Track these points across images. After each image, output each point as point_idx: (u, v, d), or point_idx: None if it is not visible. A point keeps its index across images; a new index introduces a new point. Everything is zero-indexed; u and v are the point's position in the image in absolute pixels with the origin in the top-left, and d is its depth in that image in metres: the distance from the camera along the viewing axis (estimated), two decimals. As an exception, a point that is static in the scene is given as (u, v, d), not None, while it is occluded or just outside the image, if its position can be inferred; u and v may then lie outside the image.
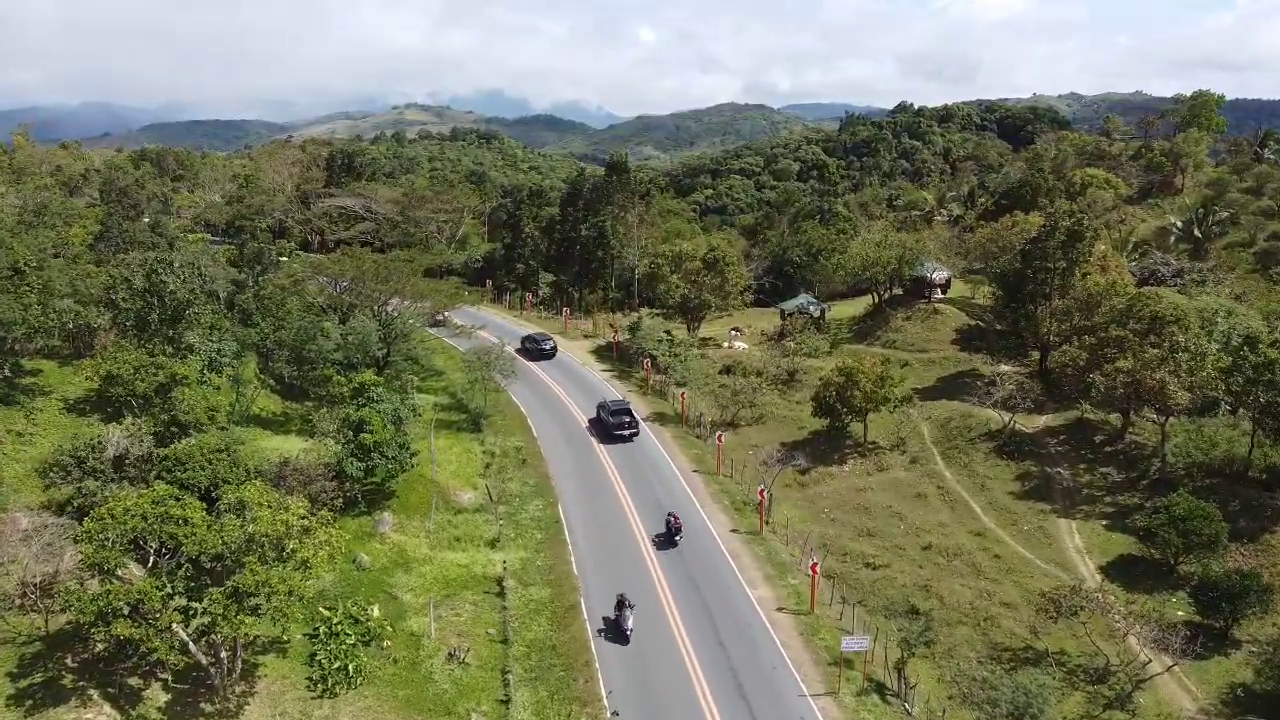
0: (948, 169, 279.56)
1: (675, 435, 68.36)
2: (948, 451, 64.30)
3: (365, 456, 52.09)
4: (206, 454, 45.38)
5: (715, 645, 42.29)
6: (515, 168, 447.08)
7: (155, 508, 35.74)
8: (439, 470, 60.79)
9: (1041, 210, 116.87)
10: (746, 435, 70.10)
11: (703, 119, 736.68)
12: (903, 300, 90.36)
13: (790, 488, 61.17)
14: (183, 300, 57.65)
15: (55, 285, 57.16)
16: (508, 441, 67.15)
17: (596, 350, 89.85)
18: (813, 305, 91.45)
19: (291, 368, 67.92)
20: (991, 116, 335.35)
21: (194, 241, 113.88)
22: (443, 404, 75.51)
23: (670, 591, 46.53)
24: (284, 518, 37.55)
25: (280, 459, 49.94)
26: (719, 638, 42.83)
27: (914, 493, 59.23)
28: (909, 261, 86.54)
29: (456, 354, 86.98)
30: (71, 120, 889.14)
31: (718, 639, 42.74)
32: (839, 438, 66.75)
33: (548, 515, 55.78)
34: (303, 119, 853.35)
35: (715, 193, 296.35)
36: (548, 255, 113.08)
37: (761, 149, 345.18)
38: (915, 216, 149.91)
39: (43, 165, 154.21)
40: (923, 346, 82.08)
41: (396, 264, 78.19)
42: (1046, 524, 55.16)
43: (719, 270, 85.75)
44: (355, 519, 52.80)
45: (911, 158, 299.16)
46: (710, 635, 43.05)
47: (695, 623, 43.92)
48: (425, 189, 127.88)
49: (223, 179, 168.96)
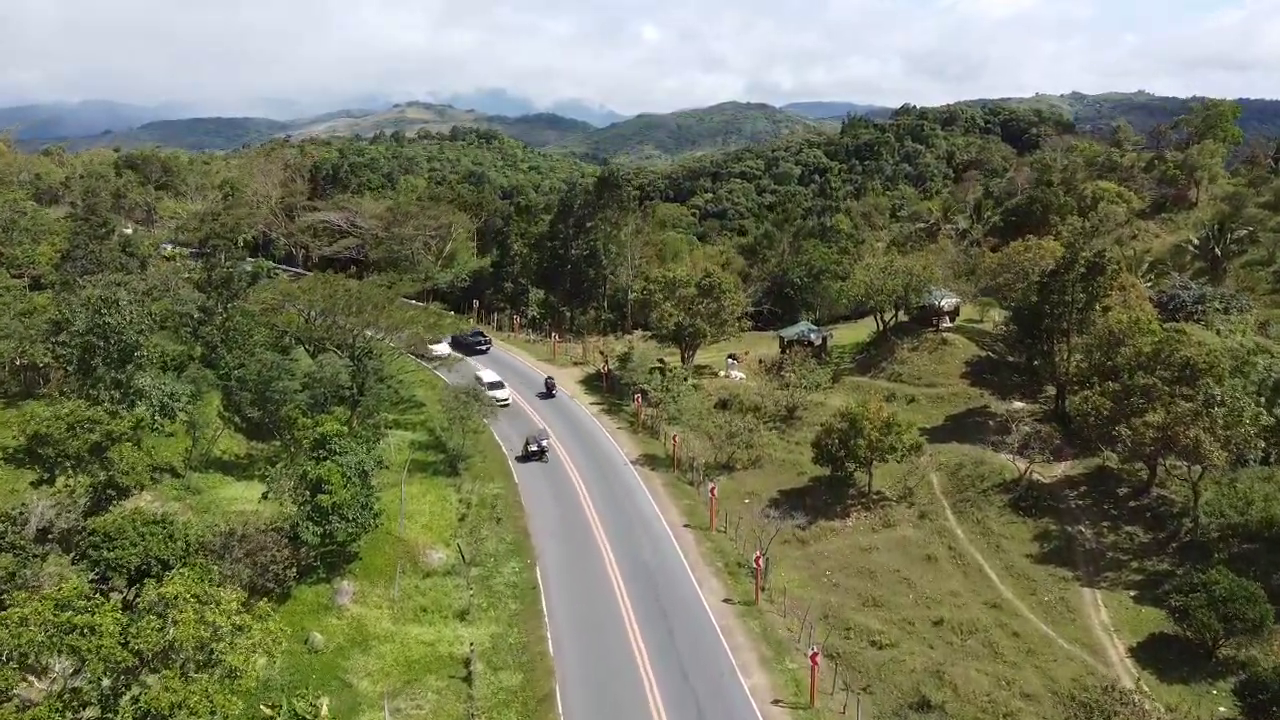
0: (951, 173, 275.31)
1: (666, 482, 63.71)
2: (959, 505, 59.60)
3: (323, 520, 47.49)
4: (139, 528, 40.78)
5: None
6: (515, 168, 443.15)
7: (58, 614, 31.12)
8: (409, 525, 56.26)
9: (1053, 228, 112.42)
10: (742, 480, 65.47)
11: (704, 118, 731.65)
12: (909, 328, 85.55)
13: (789, 544, 56.50)
14: (131, 341, 52.99)
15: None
16: (486, 488, 62.60)
17: (586, 380, 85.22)
18: (813, 333, 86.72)
19: (255, 408, 63.37)
20: (995, 119, 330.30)
21: (170, 256, 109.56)
22: (420, 441, 70.96)
23: (655, 680, 41.84)
24: (213, 617, 32.92)
25: (225, 529, 45.16)
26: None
27: (923, 554, 54.52)
28: (916, 289, 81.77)
29: (440, 383, 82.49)
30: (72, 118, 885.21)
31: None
32: (842, 487, 62.06)
33: (524, 580, 51.15)
34: (304, 117, 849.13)
35: (715, 196, 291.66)
36: (538, 272, 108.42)
37: (762, 152, 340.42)
38: (919, 230, 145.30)
39: (21, 173, 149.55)
40: (930, 380, 77.32)
41: (372, 291, 73.45)
42: (1069, 594, 50.45)
43: (715, 297, 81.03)
44: (312, 587, 48.28)
45: (914, 161, 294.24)
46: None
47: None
48: (411, 204, 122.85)
49: (210, 185, 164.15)
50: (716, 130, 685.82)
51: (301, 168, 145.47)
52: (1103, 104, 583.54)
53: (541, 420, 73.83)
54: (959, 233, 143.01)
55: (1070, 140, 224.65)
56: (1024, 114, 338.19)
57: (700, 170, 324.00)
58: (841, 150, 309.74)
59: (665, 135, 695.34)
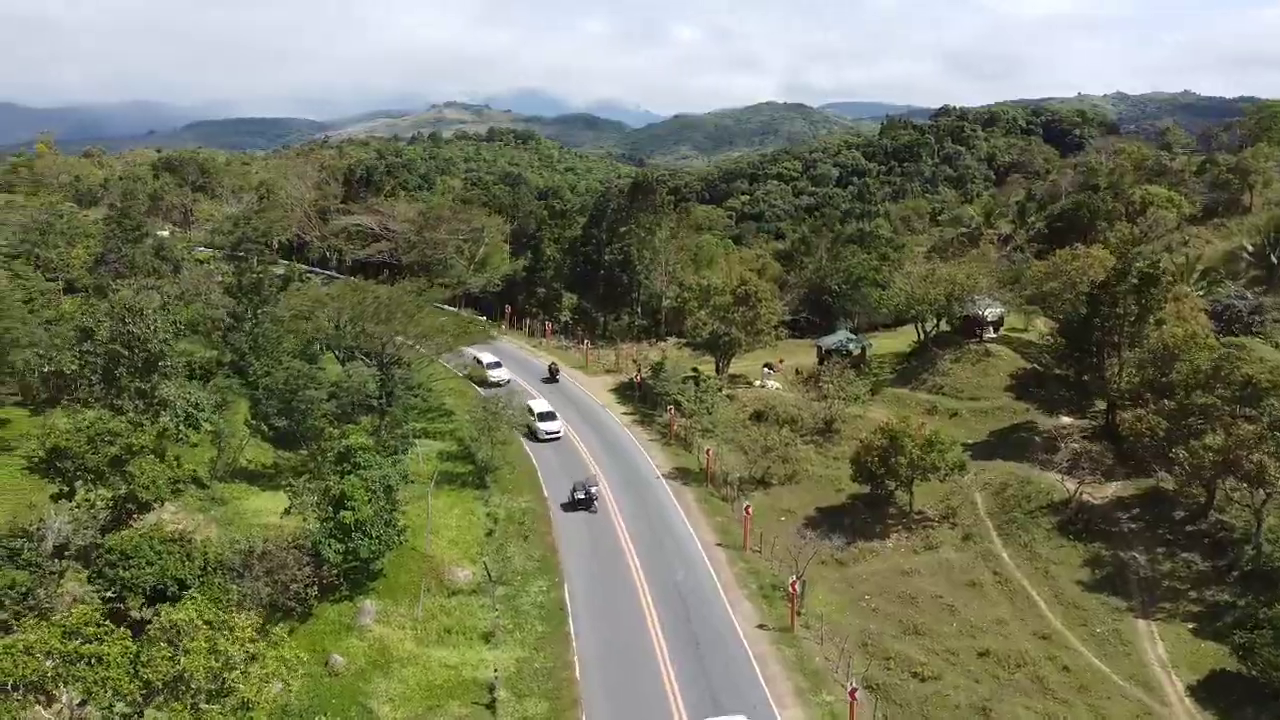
0: (992, 176, 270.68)
1: (699, 497, 61.85)
2: (1005, 526, 57.21)
3: (346, 537, 46.24)
4: (156, 546, 39.69)
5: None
6: (551, 168, 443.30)
7: (66, 643, 30.01)
8: (435, 540, 54.87)
9: (1100, 234, 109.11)
10: (778, 496, 63.50)
11: (741, 119, 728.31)
12: (951, 339, 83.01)
13: (826, 565, 54.49)
14: (155, 351, 52.11)
15: (16, 335, 52.06)
16: (515, 502, 61.11)
17: (618, 389, 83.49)
18: (852, 342, 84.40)
19: (281, 418, 62.41)
20: (1037, 120, 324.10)
21: (204, 259, 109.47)
22: (449, 452, 69.65)
23: (686, 712, 40.04)
24: (225, 645, 31.68)
25: (245, 547, 43.97)
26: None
27: (967, 579, 52.27)
28: (958, 299, 79.24)
29: (470, 392, 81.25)
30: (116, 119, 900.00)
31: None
32: (881, 506, 59.89)
33: (551, 600, 49.57)
34: (343, 117, 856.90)
35: (752, 199, 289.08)
36: (571, 277, 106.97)
37: (800, 153, 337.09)
38: (961, 234, 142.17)
39: (61, 175, 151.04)
40: (974, 393, 74.81)
41: (402, 298, 72.22)
42: (1122, 625, 48.01)
43: (751, 305, 79.04)
44: (334, 605, 47.09)
45: (954, 163, 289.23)
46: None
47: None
48: (444, 207, 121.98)
49: (246, 187, 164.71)
50: (753, 131, 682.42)
51: (336, 170, 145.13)
52: (1147, 104, 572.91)
53: (572, 432, 72.12)
54: (1002, 238, 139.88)
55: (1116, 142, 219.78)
56: (1067, 115, 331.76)
57: (737, 172, 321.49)
58: (880, 151, 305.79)
59: (702, 136, 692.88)
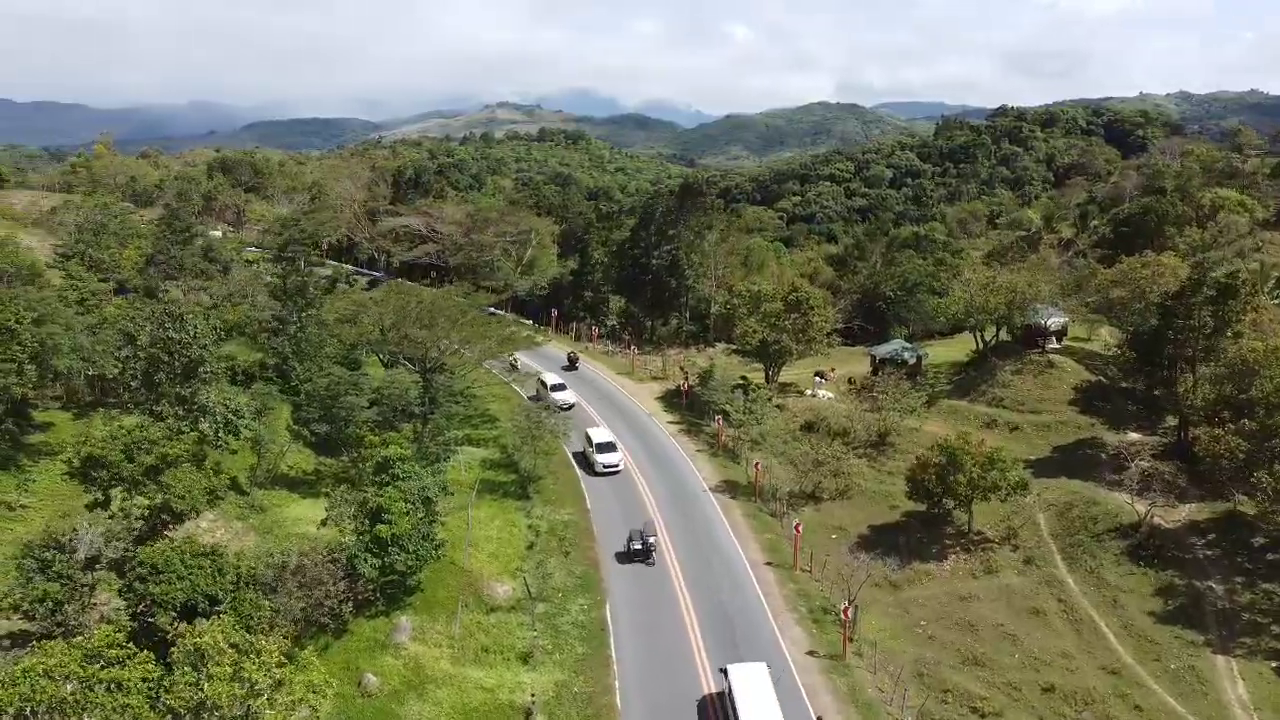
0: (1051, 177, 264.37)
1: (747, 513, 59.73)
2: (1070, 550, 54.30)
3: (382, 552, 44.99)
4: (187, 560, 38.66)
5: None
6: (602, 169, 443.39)
7: (87, 668, 28.93)
8: (474, 553, 53.46)
9: (1169, 240, 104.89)
10: (829, 512, 61.19)
11: (793, 119, 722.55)
12: (1011, 348, 79.83)
13: (880, 588, 52.08)
14: (195, 356, 51.39)
15: (58, 341, 51.69)
16: (557, 514, 59.55)
17: (665, 396, 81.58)
18: (907, 351, 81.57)
19: (322, 424, 61.64)
20: (1098, 120, 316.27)
21: (253, 260, 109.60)
22: (491, 460, 68.28)
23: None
24: (250, 670, 30.39)
25: (279, 561, 42.83)
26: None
27: (1030, 607, 49.57)
28: (1020, 307, 76.10)
29: (515, 398, 79.99)
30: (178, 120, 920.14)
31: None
32: (938, 525, 57.30)
33: (593, 620, 47.85)
34: (397, 118, 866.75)
35: (803, 200, 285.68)
36: (618, 280, 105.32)
37: (853, 154, 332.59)
38: (1019, 238, 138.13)
39: (118, 175, 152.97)
40: (1035, 407, 71.69)
41: (446, 303, 71.05)
42: (1199, 662, 45.00)
43: (802, 312, 76.69)
44: (370, 621, 45.88)
45: (1012, 164, 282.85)
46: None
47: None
48: (491, 209, 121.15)
49: (299, 187, 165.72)
50: (805, 131, 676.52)
51: (385, 171, 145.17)
52: (1211, 104, 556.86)
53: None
54: (1063, 243, 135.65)
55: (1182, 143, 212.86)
56: (1129, 114, 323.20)
57: (788, 173, 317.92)
58: (934, 152, 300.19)
59: (753, 136, 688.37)
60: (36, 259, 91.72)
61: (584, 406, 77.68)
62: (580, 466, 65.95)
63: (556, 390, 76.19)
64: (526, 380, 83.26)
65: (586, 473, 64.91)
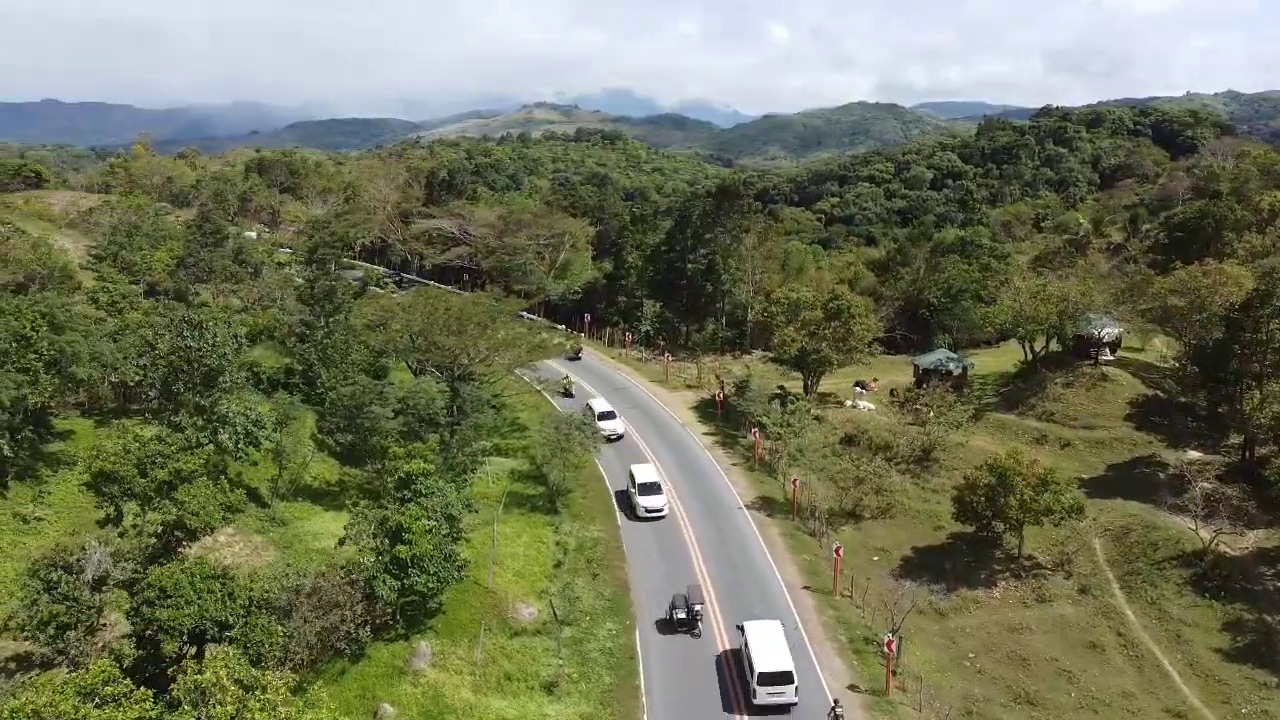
0: (1096, 179, 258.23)
1: (784, 532, 57.16)
2: (1128, 579, 51.17)
3: (401, 573, 43.06)
4: (197, 583, 36.92)
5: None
6: (638, 169, 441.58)
7: (80, 707, 27.17)
8: (499, 572, 51.43)
9: (1228, 245, 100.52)
10: (870, 532, 58.51)
11: (831, 119, 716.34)
12: (1062, 359, 76.42)
13: (925, 616, 49.36)
14: (214, 367, 49.82)
15: (77, 350, 50.39)
16: (586, 530, 57.39)
17: (699, 406, 79.13)
18: (953, 362, 78.43)
19: (345, 434, 60.02)
20: (1145, 120, 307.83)
21: (285, 262, 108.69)
22: (520, 470, 66.33)
23: (766, 792, 35.73)
24: (254, 710, 28.50)
25: (294, 584, 40.96)
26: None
27: (1086, 640, 46.58)
28: (1072, 317, 72.71)
29: (546, 406, 77.96)
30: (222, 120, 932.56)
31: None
32: (987, 548, 54.37)
33: (621, 647, 45.60)
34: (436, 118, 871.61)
35: (842, 201, 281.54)
36: (653, 284, 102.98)
37: (892, 154, 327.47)
38: (1066, 242, 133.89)
39: (155, 176, 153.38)
40: (1088, 422, 68.37)
41: (475, 310, 69.16)
42: (1272, 705, 41.83)
43: (843, 321, 73.92)
44: (388, 645, 43.96)
45: (1056, 166, 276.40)
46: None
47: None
48: (526, 210, 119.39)
49: (334, 188, 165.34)
50: (844, 131, 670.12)
51: (419, 172, 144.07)
52: (1260, 103, 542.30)
53: (649, 452, 68.12)
54: (1112, 247, 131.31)
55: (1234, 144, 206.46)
56: (1177, 115, 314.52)
57: (826, 174, 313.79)
58: (976, 153, 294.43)
59: (791, 136, 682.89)
60: (69, 261, 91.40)
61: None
62: (622, 509, 60.19)
63: (605, 419, 70.64)
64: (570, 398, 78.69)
65: (628, 516, 59.10)
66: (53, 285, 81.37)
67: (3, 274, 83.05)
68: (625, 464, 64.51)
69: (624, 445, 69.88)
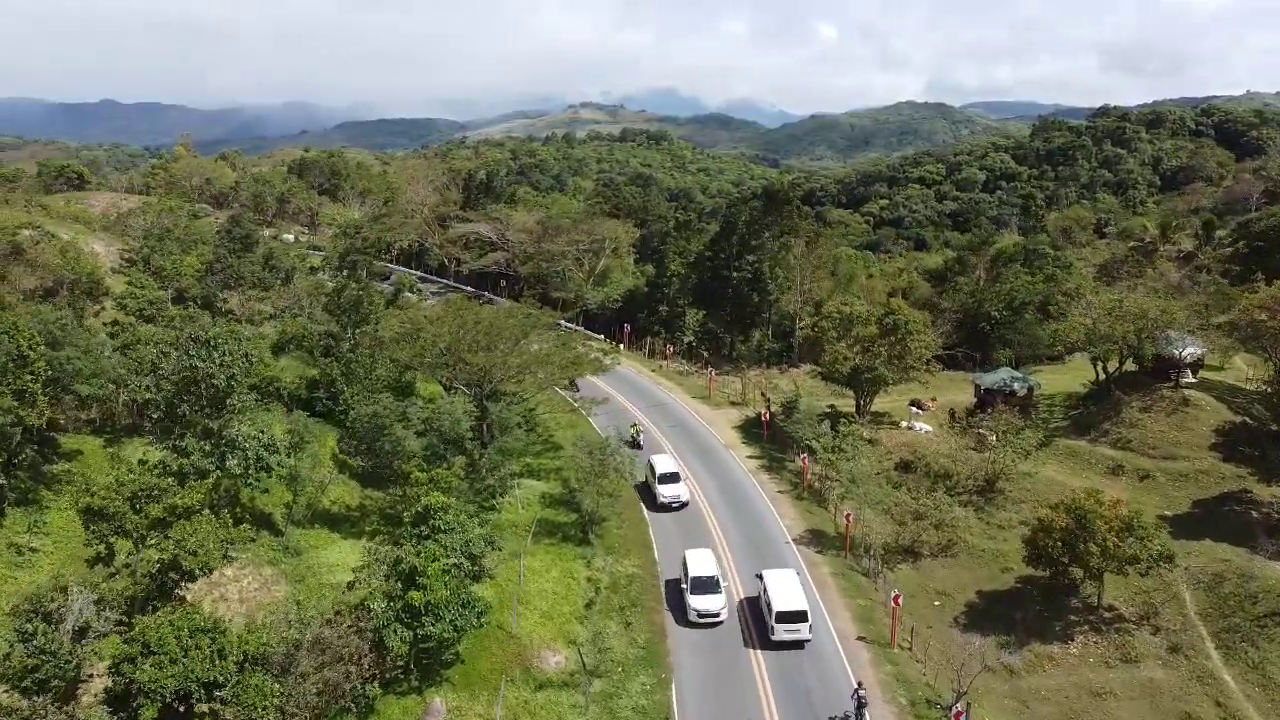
0: (1157, 181, 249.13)
1: (835, 571, 52.45)
2: (1225, 636, 45.73)
3: (414, 622, 39.14)
4: (185, 638, 33.25)
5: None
6: (683, 169, 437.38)
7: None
8: (525, 613, 47.42)
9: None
10: (930, 573, 53.61)
11: (879, 119, 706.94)
12: (1137, 380, 70.58)
13: (994, 674, 44.40)
14: (223, 388, 46.32)
15: (78, 365, 47.23)
16: (621, 565, 53.16)
17: (744, 425, 74.51)
18: (1018, 381, 72.94)
19: (364, 458, 56.47)
20: (1207, 120, 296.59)
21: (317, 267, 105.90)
22: (552, 495, 62.23)
23: None
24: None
25: (294, 637, 37.11)
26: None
27: (1181, 711, 41.37)
28: (1151, 336, 66.95)
29: (582, 423, 73.82)
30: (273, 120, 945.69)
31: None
32: (1061, 596, 49.19)
33: (655, 705, 41.28)
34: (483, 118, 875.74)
35: (891, 203, 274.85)
36: (695, 292, 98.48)
37: (943, 155, 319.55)
38: (1132, 250, 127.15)
39: (193, 178, 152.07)
40: (1169, 451, 62.67)
41: (510, 322, 65.30)
42: (1404, 797, 36.46)
43: (899, 337, 68.95)
44: (399, 700, 40.06)
45: (1114, 167, 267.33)
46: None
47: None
48: (565, 215, 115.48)
49: (377, 190, 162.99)
50: (892, 131, 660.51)
51: (458, 174, 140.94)
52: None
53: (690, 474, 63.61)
54: (1182, 255, 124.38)
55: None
56: (1242, 114, 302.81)
57: (875, 175, 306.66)
58: (1031, 154, 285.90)
59: (838, 137, 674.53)
60: (98, 265, 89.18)
61: (654, 434, 71.40)
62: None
63: (667, 482, 59.41)
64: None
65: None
66: (80, 291, 79.24)
67: (31, 279, 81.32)
68: (685, 538, 55.88)
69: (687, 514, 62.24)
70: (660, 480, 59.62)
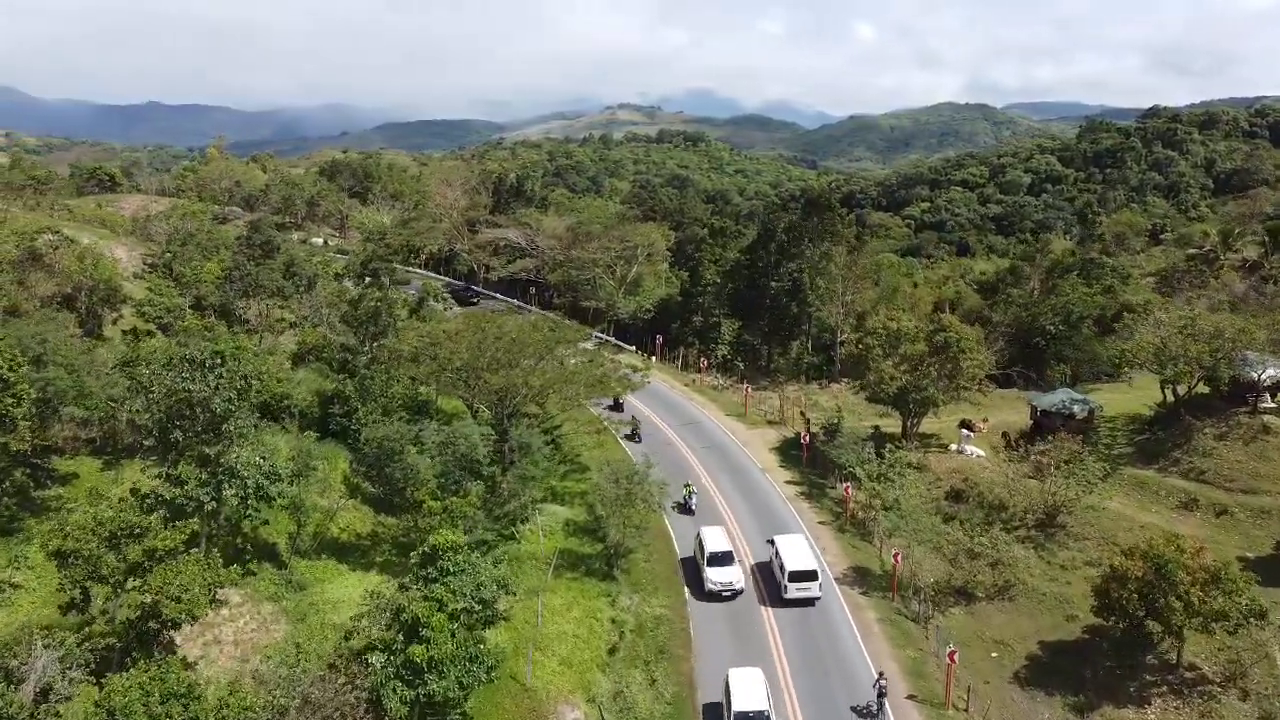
0: (1210, 184, 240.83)
1: (881, 615, 48.05)
2: (1324, 703, 40.75)
3: (416, 679, 35.34)
4: (154, 706, 29.68)
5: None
6: (720, 171, 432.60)
7: None
8: (543, 659, 43.55)
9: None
10: (985, 618, 48.93)
11: (919, 119, 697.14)
12: (1208, 404, 65.21)
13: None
14: (219, 413, 42.91)
15: (62, 386, 44.11)
16: (648, 606, 49.05)
17: (782, 447, 70.08)
18: (1077, 404, 67.86)
19: (376, 484, 52.94)
20: (1262, 121, 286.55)
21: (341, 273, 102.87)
22: (576, 522, 58.32)
23: None
24: None
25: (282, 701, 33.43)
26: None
27: (1279, 794, 36.53)
28: (1228, 358, 61.64)
29: (611, 444, 69.81)
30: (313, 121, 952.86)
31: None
32: (1134, 650, 44.36)
33: (683, 773, 37.24)
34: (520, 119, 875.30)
35: (933, 206, 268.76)
36: (731, 302, 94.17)
37: (986, 157, 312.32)
38: (1191, 259, 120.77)
39: (223, 180, 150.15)
40: (1249, 484, 57.42)
41: (534, 336, 61.48)
42: None
43: (950, 355, 64.29)
44: (401, 763, 36.32)
45: (1165, 170, 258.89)
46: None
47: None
48: (596, 220, 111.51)
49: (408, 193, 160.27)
50: (932, 133, 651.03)
51: (489, 176, 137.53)
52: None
53: (724, 502, 59.47)
54: (1247, 264, 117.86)
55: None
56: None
57: (916, 178, 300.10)
58: (1078, 157, 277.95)
59: (877, 138, 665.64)
60: (116, 272, 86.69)
61: (687, 458, 67.23)
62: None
63: (718, 564, 49.92)
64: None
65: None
66: (98, 298, 76.90)
67: (49, 285, 79.02)
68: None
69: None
70: (709, 561, 49.98)
